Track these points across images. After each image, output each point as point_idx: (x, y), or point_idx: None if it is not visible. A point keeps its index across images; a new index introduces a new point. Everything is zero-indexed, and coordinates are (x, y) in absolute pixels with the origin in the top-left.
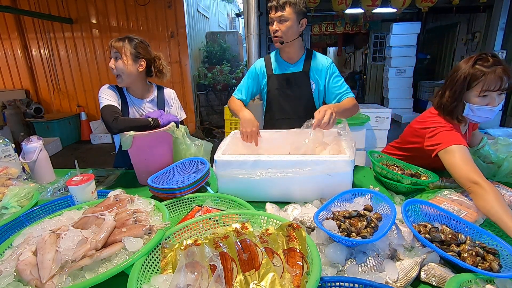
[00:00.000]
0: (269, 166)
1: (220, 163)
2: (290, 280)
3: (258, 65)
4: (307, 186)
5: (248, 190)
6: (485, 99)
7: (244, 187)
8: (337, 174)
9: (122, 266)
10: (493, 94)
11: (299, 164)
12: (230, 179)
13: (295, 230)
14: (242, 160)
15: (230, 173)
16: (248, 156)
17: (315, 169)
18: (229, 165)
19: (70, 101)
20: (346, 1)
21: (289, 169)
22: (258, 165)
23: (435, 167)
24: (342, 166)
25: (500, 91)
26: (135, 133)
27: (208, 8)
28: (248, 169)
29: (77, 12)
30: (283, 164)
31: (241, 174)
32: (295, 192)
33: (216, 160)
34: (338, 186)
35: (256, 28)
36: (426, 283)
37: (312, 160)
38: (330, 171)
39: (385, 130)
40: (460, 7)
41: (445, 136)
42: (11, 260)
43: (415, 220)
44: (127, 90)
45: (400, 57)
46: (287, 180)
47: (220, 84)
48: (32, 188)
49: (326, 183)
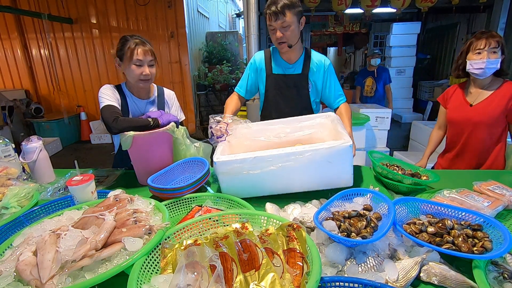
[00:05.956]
0: (269, 160)
1: (220, 164)
2: (290, 281)
3: (258, 58)
4: (308, 176)
5: (250, 187)
6: (479, 56)
7: (246, 185)
8: (337, 160)
9: (122, 266)
10: (484, 51)
11: (298, 154)
12: (231, 179)
13: (295, 230)
14: (241, 159)
15: (231, 172)
16: (247, 154)
17: (314, 156)
18: (229, 164)
19: (70, 101)
20: (346, 1)
21: (291, 157)
22: (258, 161)
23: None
24: (341, 152)
25: (491, 50)
26: (135, 133)
27: (208, 8)
28: (248, 166)
29: (77, 12)
30: (282, 157)
31: (242, 172)
32: (296, 183)
33: (216, 161)
34: (339, 173)
35: (256, 28)
36: (428, 283)
37: (310, 148)
38: (329, 158)
39: (385, 130)
40: (460, 7)
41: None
42: (11, 260)
43: (403, 220)
44: (129, 90)
45: (400, 57)
46: (289, 172)
47: (220, 84)
48: (32, 188)
49: (327, 171)
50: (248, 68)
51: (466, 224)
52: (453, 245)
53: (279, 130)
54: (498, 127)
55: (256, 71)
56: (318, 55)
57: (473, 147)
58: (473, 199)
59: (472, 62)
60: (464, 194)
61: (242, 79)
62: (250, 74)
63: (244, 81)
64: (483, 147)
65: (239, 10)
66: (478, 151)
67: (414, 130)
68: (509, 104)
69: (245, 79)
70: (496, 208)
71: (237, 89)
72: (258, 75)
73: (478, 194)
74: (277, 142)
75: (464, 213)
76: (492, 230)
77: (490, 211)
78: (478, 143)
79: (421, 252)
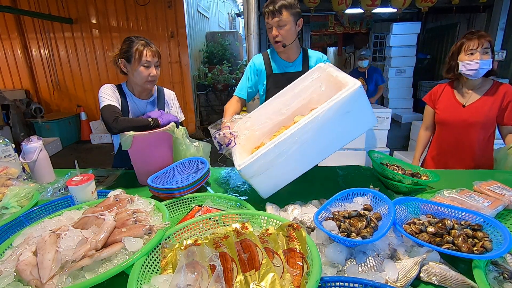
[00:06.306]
0: (289, 141)
1: (245, 169)
2: (290, 281)
3: (257, 61)
4: (334, 135)
5: (285, 174)
6: (472, 57)
7: (280, 176)
8: (355, 107)
9: (122, 266)
10: (476, 52)
11: (314, 120)
12: (263, 179)
13: (295, 230)
14: (263, 153)
15: (259, 172)
16: (265, 147)
17: (330, 114)
18: (254, 165)
19: (70, 101)
20: (346, 1)
21: (308, 126)
22: (280, 147)
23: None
24: (355, 97)
25: (482, 50)
26: (135, 133)
27: (208, 8)
28: (273, 157)
29: (77, 12)
30: (301, 130)
31: (271, 166)
32: (327, 148)
33: (240, 169)
34: (361, 117)
35: (256, 28)
36: (428, 283)
37: (323, 109)
38: (346, 108)
39: (385, 130)
40: (460, 7)
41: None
42: (11, 260)
43: (403, 220)
44: (129, 90)
45: (400, 57)
46: (314, 141)
47: (220, 84)
48: (32, 188)
49: (349, 122)
50: (248, 70)
51: (466, 224)
52: (453, 245)
53: (279, 106)
54: (491, 128)
55: (256, 73)
56: (316, 52)
57: (465, 148)
58: (473, 199)
59: (465, 63)
60: (464, 194)
61: (241, 82)
62: (250, 75)
63: (244, 83)
64: (475, 147)
65: (239, 10)
66: (471, 151)
67: (414, 130)
68: (502, 105)
69: (245, 81)
70: (496, 208)
71: (236, 92)
72: (258, 77)
73: (478, 194)
74: (284, 118)
75: (464, 213)
76: (492, 230)
77: (490, 211)
78: (471, 144)
79: (421, 252)
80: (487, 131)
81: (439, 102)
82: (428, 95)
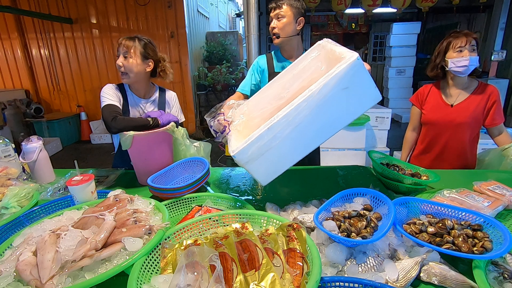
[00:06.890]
0: (283, 122)
1: (240, 154)
2: (290, 281)
3: (261, 61)
4: (334, 114)
5: (283, 157)
6: (461, 54)
7: (277, 160)
8: (353, 82)
9: (122, 266)
10: (465, 49)
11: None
12: (259, 164)
13: (295, 230)
14: (257, 136)
15: (254, 157)
16: (260, 129)
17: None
18: (248, 150)
19: (70, 101)
20: (345, 1)
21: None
22: (275, 129)
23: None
24: (352, 71)
25: (470, 47)
26: (135, 133)
27: (208, 8)
28: (269, 140)
29: (77, 12)
30: (296, 109)
31: (267, 150)
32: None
33: (234, 155)
34: (363, 93)
35: (256, 28)
36: (428, 283)
37: (318, 85)
38: (343, 84)
39: (385, 130)
40: (460, 7)
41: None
42: (11, 260)
43: (403, 220)
44: (130, 89)
45: (400, 57)
46: (311, 122)
47: (220, 84)
48: (32, 188)
49: (349, 98)
50: (252, 69)
51: (466, 224)
52: (453, 245)
53: (279, 90)
54: (477, 127)
55: (259, 72)
56: None
57: (453, 148)
58: (473, 199)
59: (454, 60)
60: (464, 194)
61: (245, 79)
62: (254, 74)
63: (248, 80)
64: (462, 147)
65: (239, 10)
66: (458, 151)
67: None
68: (487, 105)
69: (249, 79)
70: (496, 208)
71: (239, 89)
72: (261, 75)
73: (478, 194)
74: (284, 102)
75: (464, 213)
76: (492, 230)
77: (490, 211)
78: (459, 144)
79: (421, 252)
80: (474, 131)
81: (426, 102)
82: (414, 96)
